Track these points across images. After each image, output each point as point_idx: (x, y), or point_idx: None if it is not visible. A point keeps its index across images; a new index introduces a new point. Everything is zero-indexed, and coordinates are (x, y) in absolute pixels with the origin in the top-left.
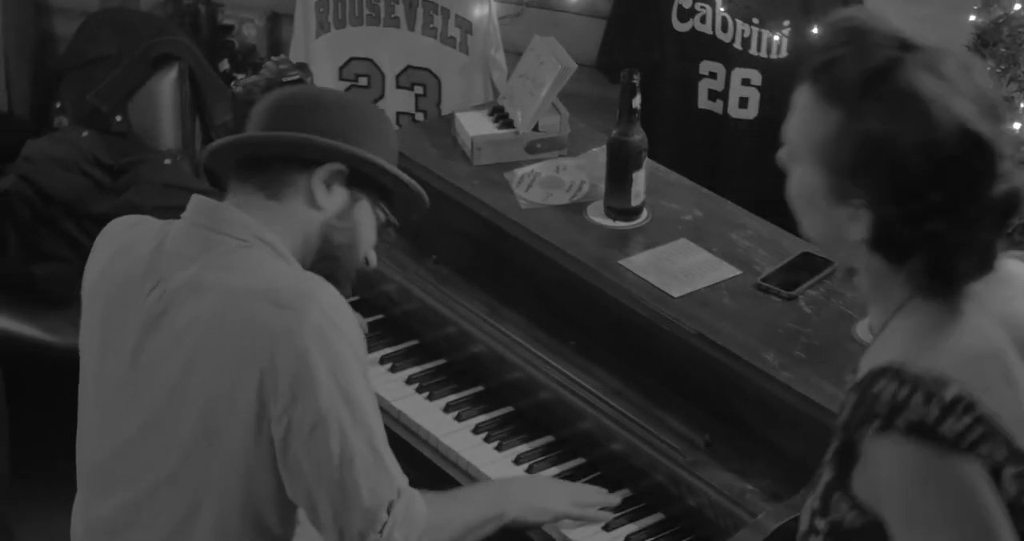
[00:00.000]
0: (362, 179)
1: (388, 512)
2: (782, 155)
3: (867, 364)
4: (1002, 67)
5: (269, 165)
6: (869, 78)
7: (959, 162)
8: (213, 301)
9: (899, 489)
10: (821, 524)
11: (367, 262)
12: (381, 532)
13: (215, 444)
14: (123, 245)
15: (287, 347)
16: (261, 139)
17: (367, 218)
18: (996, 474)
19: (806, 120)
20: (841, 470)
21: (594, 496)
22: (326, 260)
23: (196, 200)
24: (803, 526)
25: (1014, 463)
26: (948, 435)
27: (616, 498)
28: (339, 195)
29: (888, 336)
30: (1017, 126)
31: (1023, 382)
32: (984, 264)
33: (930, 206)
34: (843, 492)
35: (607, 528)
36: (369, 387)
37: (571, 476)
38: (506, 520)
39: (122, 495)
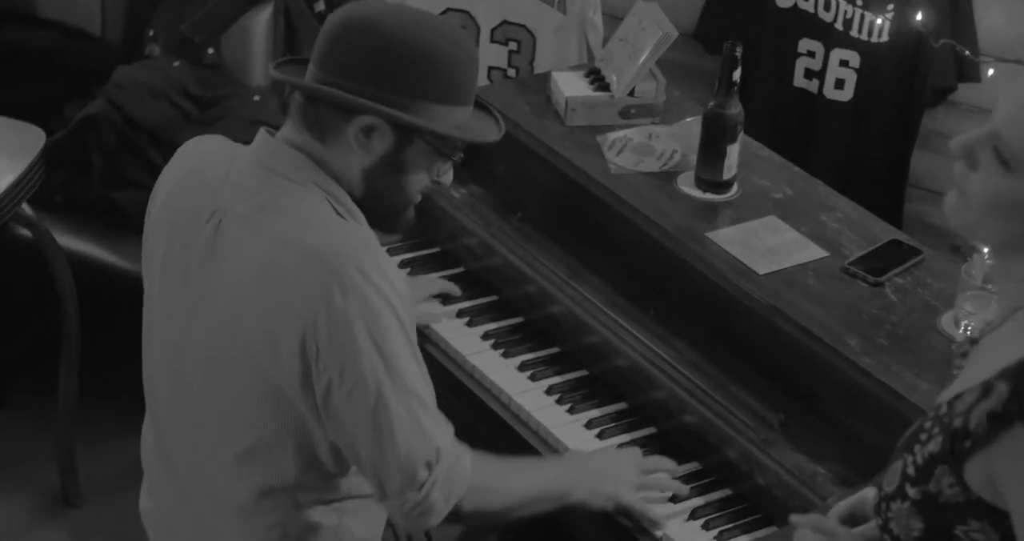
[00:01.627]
0: (404, 125)
1: (429, 471)
2: (980, 150)
3: (999, 349)
4: None
5: (316, 107)
6: None
7: None
8: (263, 247)
9: None
10: (913, 492)
11: (438, 183)
12: (420, 490)
13: (266, 388)
14: (194, 166)
15: (330, 309)
16: (298, 87)
17: (418, 158)
18: None
19: None
20: (963, 451)
21: (665, 482)
22: (371, 200)
23: (262, 136)
24: (889, 488)
25: None
26: None
27: (685, 488)
28: (383, 141)
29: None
30: None
31: None
32: None
33: None
34: (950, 468)
35: (674, 499)
36: (412, 350)
37: (641, 445)
38: (570, 500)
39: (190, 420)
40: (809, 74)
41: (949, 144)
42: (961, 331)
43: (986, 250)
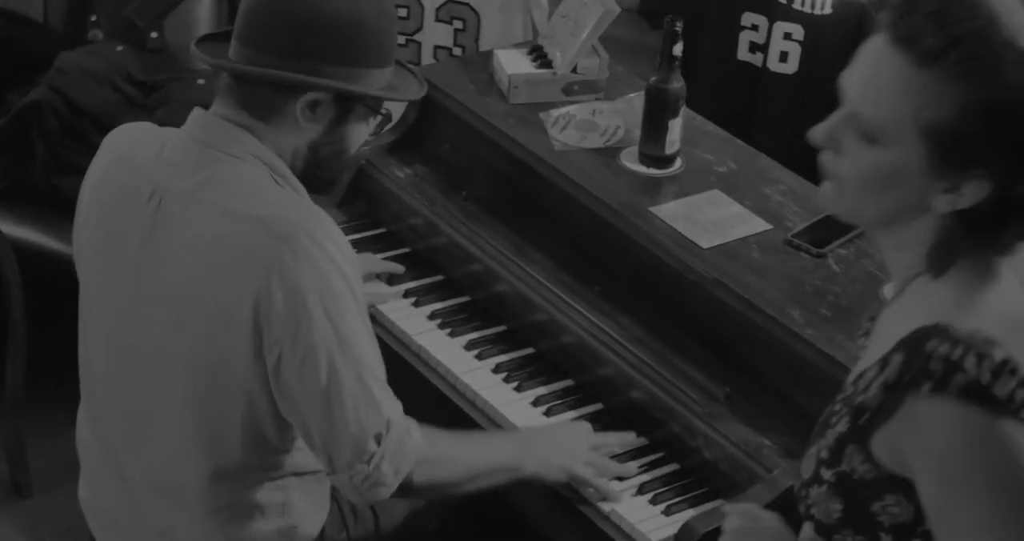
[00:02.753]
0: (346, 94)
1: (378, 443)
2: (842, 133)
3: (895, 324)
4: None
5: (254, 87)
6: (1000, 51)
7: None
8: (208, 221)
9: (945, 451)
10: (828, 474)
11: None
12: (368, 462)
13: (216, 362)
14: (122, 153)
15: (281, 279)
16: (234, 70)
17: (358, 121)
18: None
19: (909, 98)
20: (865, 425)
21: (611, 464)
22: (313, 168)
23: (196, 114)
24: (806, 475)
25: None
26: (1001, 397)
27: (635, 438)
28: (327, 113)
29: (919, 294)
30: None
31: None
32: None
33: None
34: (858, 446)
35: (621, 477)
36: (363, 320)
37: (588, 421)
38: (523, 474)
39: (132, 406)
40: (753, 47)
41: (809, 135)
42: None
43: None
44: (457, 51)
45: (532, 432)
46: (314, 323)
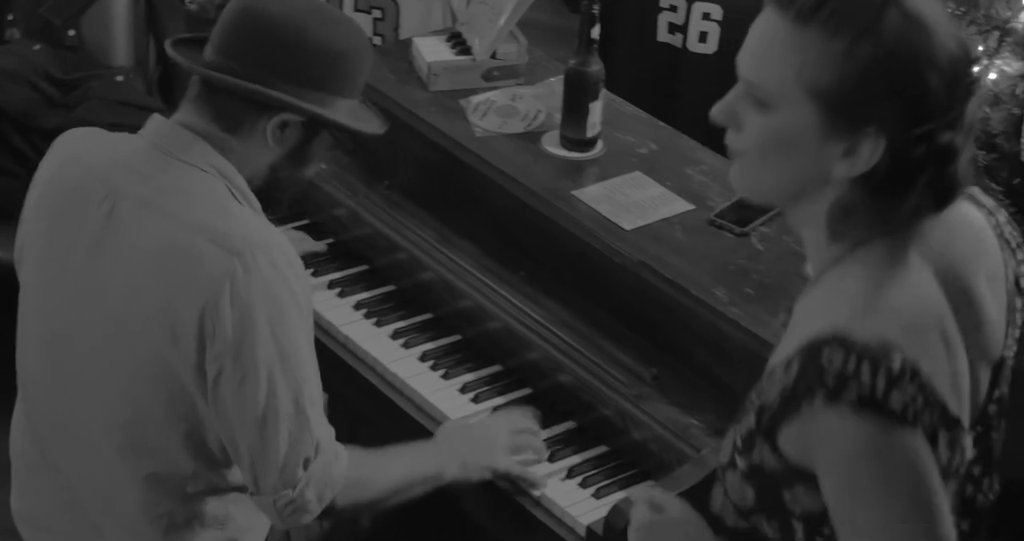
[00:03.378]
0: (320, 121)
1: (305, 468)
2: (739, 107)
3: (806, 318)
4: (961, 10)
5: (229, 99)
6: (878, 2)
7: (963, 74)
8: (163, 228)
9: (841, 460)
10: (741, 462)
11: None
12: (294, 488)
13: (159, 372)
14: (73, 154)
15: (231, 295)
16: (215, 79)
17: (320, 149)
18: (932, 440)
19: (793, 58)
20: (769, 425)
21: (530, 441)
22: (271, 188)
23: (157, 121)
24: (723, 458)
25: (947, 429)
26: (896, 407)
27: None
28: (293, 135)
29: (830, 292)
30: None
31: (957, 345)
32: (968, 174)
33: (945, 120)
34: (765, 441)
35: (551, 459)
36: (309, 343)
37: (518, 406)
38: (445, 480)
39: (69, 411)
40: (672, 28)
41: (711, 116)
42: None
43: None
44: (377, 40)
45: (450, 436)
46: (259, 343)
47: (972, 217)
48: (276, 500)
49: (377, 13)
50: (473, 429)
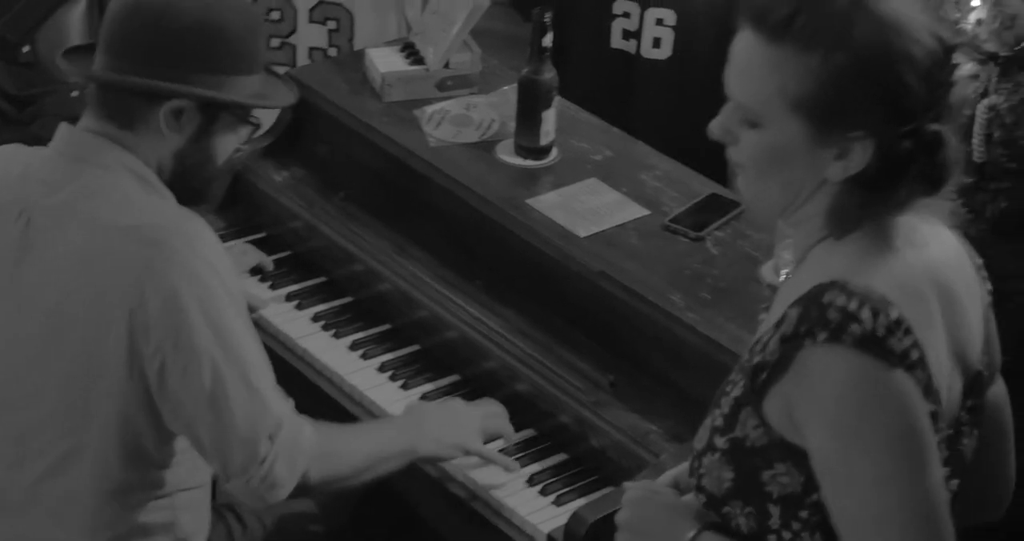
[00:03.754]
0: (212, 102)
1: (271, 443)
2: (732, 125)
3: (798, 285)
4: None
5: (118, 95)
6: (846, 11)
7: (942, 66)
8: (80, 234)
9: (838, 401)
10: (721, 442)
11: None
12: (263, 464)
13: (92, 376)
14: None
15: (156, 286)
16: (98, 79)
17: (225, 130)
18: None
19: (772, 76)
20: (759, 386)
21: (502, 426)
22: (181, 178)
23: (63, 129)
24: (699, 445)
25: (931, 401)
26: (896, 349)
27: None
28: (192, 121)
29: (822, 262)
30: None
31: (940, 325)
32: (956, 159)
33: (930, 114)
34: (752, 409)
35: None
36: (244, 321)
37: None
38: (417, 455)
39: (9, 424)
40: (626, 34)
41: (708, 131)
42: (781, 279)
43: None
44: (332, 52)
45: (423, 411)
46: (194, 328)
47: (949, 239)
48: (248, 480)
49: (332, 24)
50: (447, 407)
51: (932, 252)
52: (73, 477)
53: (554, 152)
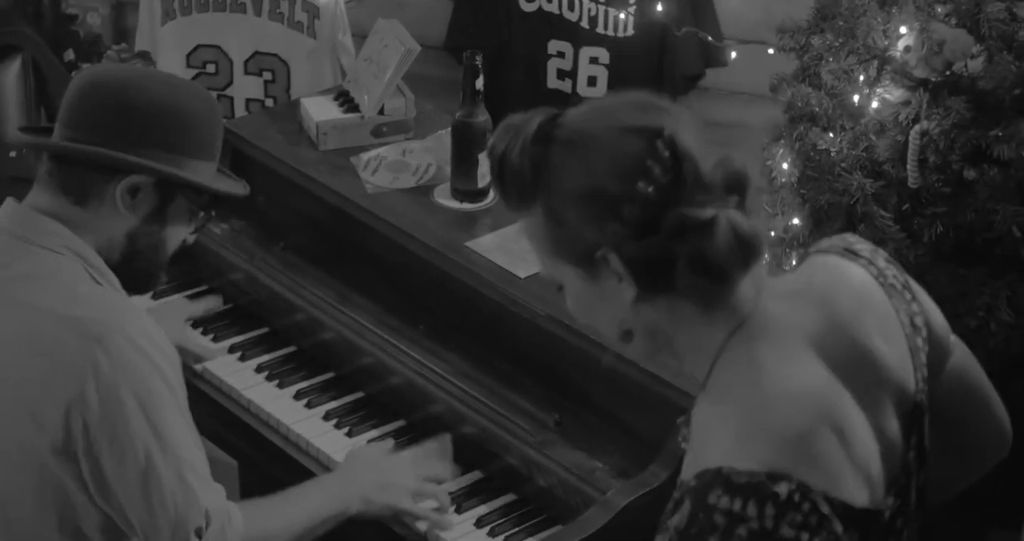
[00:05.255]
0: (172, 182)
1: (199, 537)
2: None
3: (698, 444)
4: (840, 40)
5: (73, 169)
6: (536, 155)
7: (642, 160)
8: (21, 319)
9: None
10: None
11: (185, 242)
12: None
13: (27, 463)
14: None
15: (95, 382)
16: (56, 148)
17: (178, 215)
18: None
19: (533, 243)
20: None
21: (436, 491)
22: (131, 261)
23: (9, 206)
24: None
25: (855, 526)
26: (789, 535)
27: (454, 473)
28: (147, 200)
29: (714, 414)
30: (856, 98)
31: (855, 425)
32: (742, 243)
33: (649, 204)
34: None
35: (458, 510)
36: (182, 414)
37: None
38: (348, 515)
39: None
40: (561, 74)
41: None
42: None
43: None
44: (269, 102)
45: (355, 469)
46: (131, 424)
47: (849, 276)
48: None
49: (268, 75)
50: (381, 463)
51: (834, 319)
52: None
53: (491, 194)
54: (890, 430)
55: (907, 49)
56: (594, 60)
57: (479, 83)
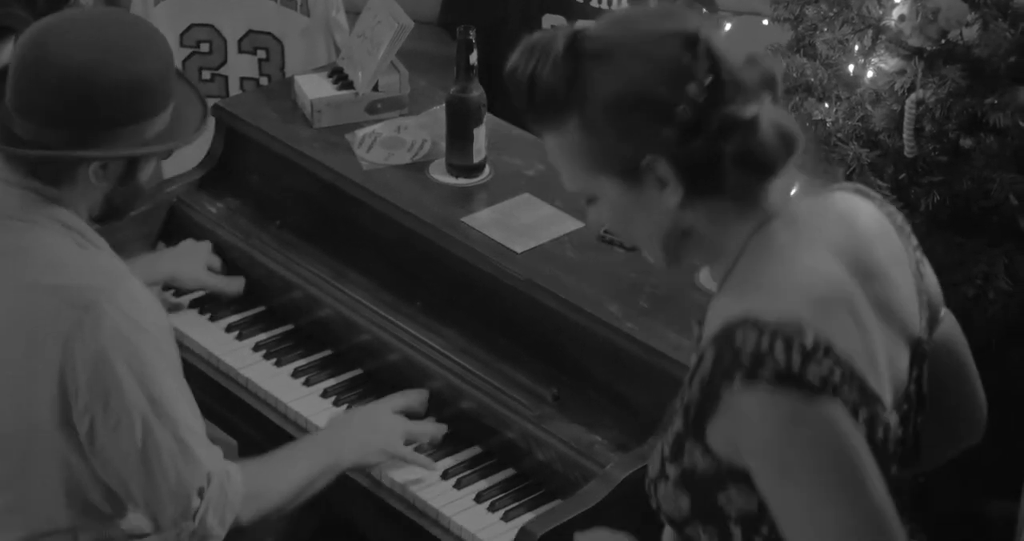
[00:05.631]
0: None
1: (201, 497)
2: (587, 206)
3: (717, 315)
4: (834, 10)
5: (42, 160)
6: (568, 69)
7: (684, 63)
8: (8, 294)
9: (768, 439)
10: (672, 470)
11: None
12: (194, 518)
13: (27, 436)
14: None
15: (85, 349)
16: (29, 155)
17: (147, 166)
18: (853, 415)
19: (565, 158)
20: (695, 422)
21: (426, 428)
22: (112, 211)
23: None
24: (653, 472)
25: (867, 405)
26: (814, 380)
27: (443, 428)
28: (117, 168)
29: (733, 286)
30: (851, 68)
31: (870, 322)
32: (786, 139)
33: (697, 106)
34: (695, 440)
35: (458, 486)
36: (174, 375)
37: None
38: (344, 467)
39: None
40: None
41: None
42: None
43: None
44: (263, 81)
45: (344, 421)
46: (124, 389)
47: (863, 207)
48: (179, 533)
49: (261, 53)
50: (367, 413)
51: (851, 236)
52: (19, 527)
53: (487, 169)
54: (897, 354)
55: (902, 18)
56: None
57: (473, 58)
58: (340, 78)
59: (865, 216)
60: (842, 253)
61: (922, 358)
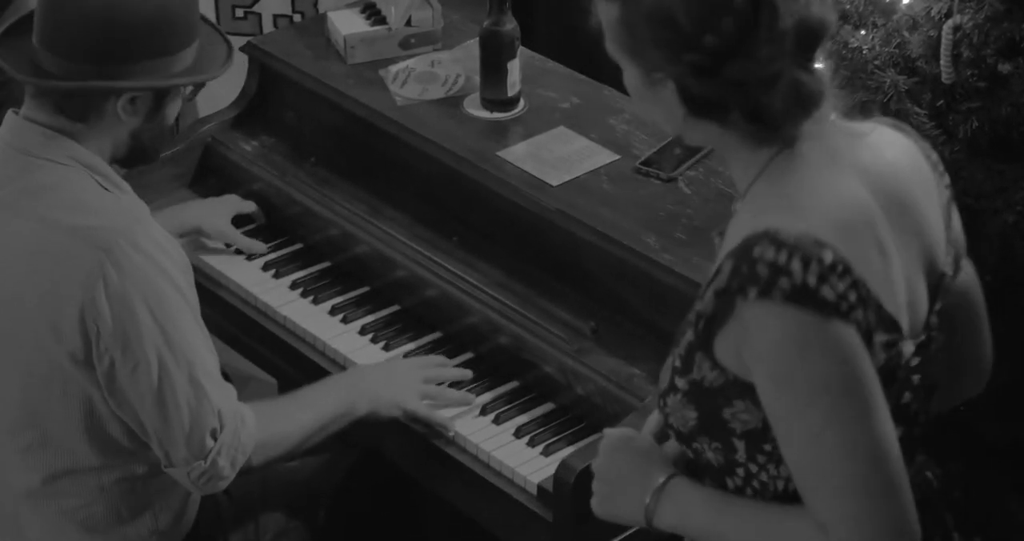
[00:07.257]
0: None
1: (214, 438)
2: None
3: (738, 229)
4: None
5: (65, 94)
6: None
7: (718, 12)
8: (30, 232)
9: (776, 354)
10: (681, 383)
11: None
12: (206, 459)
13: (49, 370)
14: None
15: (106, 290)
16: (59, 87)
17: (175, 101)
18: (867, 339)
19: (609, 29)
20: (705, 331)
21: (448, 372)
22: (138, 152)
23: (10, 119)
24: (663, 385)
25: (884, 330)
26: (828, 299)
27: (469, 372)
28: (146, 102)
29: (754, 201)
30: None
31: (891, 250)
32: (802, 100)
33: (714, 53)
34: (704, 353)
35: (497, 421)
36: (193, 317)
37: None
38: (358, 414)
39: None
40: None
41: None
42: None
43: None
44: (297, 18)
45: (361, 371)
46: (143, 331)
47: (898, 140)
48: (189, 472)
49: None
50: (385, 366)
51: (882, 165)
52: (42, 465)
53: (521, 103)
54: (918, 285)
55: None
56: None
57: None
58: (373, 13)
59: (897, 148)
60: (870, 180)
61: (945, 293)
